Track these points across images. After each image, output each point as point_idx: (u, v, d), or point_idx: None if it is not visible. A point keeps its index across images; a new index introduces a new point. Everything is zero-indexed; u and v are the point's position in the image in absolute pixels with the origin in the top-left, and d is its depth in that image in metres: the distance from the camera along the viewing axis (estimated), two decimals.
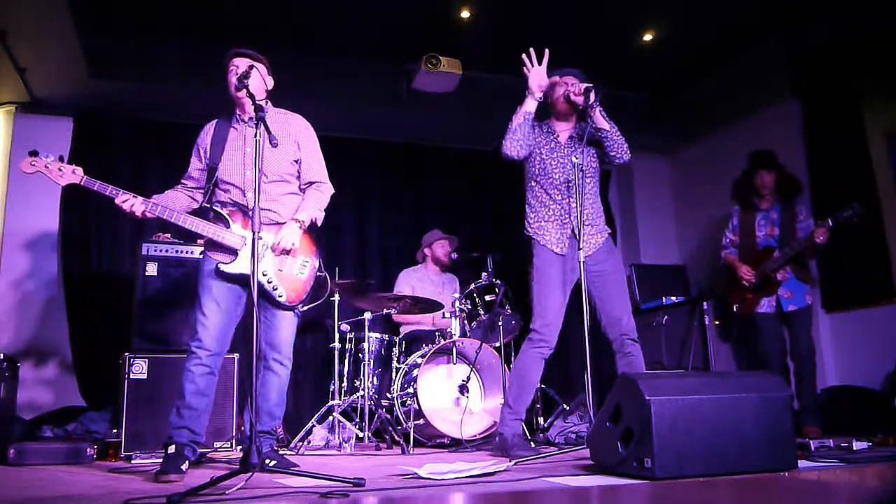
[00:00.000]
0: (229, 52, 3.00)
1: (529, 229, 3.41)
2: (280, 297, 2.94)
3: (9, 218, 4.93)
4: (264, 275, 2.91)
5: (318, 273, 3.09)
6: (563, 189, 3.33)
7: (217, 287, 2.89)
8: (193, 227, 2.88)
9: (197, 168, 3.05)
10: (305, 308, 3.09)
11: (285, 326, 3.01)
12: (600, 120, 3.26)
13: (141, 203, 2.82)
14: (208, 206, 2.99)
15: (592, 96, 3.16)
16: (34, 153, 2.77)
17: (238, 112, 3.02)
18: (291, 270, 2.99)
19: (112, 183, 2.82)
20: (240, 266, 2.87)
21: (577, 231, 3.18)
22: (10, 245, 4.91)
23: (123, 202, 2.80)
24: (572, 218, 3.29)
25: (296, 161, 3.05)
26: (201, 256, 3.00)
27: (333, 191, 3.17)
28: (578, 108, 3.30)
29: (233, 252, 2.90)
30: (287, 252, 2.95)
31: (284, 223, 2.95)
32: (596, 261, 3.30)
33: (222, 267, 2.87)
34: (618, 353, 3.30)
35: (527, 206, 3.46)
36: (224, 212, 2.94)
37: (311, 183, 3.09)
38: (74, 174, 2.77)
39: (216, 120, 3.06)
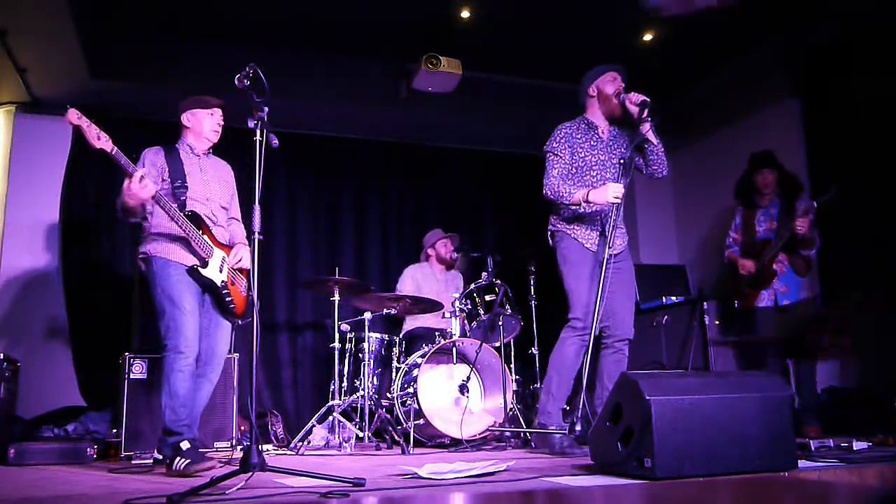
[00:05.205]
0: (212, 98, 3.29)
1: (558, 223, 3.45)
2: (231, 306, 3.18)
3: (9, 217, 4.92)
4: (223, 283, 3.16)
5: (249, 293, 3.32)
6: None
7: (193, 288, 3.07)
8: (184, 227, 3.05)
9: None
10: (242, 323, 3.33)
11: (224, 338, 3.23)
12: (651, 134, 3.33)
13: (152, 188, 2.91)
14: (189, 213, 3.11)
15: (646, 112, 3.24)
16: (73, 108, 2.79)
17: (191, 145, 3.29)
18: (239, 286, 3.28)
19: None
20: (208, 272, 3.12)
21: (607, 230, 3.25)
22: (10, 245, 4.91)
23: (140, 181, 2.86)
24: (603, 216, 3.36)
25: (232, 196, 3.43)
26: (148, 259, 3.10)
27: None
28: (629, 116, 3.34)
29: (201, 259, 3.10)
30: (240, 270, 3.28)
31: (229, 244, 3.29)
32: (617, 260, 3.38)
33: (201, 270, 3.07)
34: (608, 348, 3.41)
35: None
36: (199, 219, 3.13)
37: (234, 219, 3.46)
38: (107, 143, 2.84)
39: (159, 147, 3.24)
